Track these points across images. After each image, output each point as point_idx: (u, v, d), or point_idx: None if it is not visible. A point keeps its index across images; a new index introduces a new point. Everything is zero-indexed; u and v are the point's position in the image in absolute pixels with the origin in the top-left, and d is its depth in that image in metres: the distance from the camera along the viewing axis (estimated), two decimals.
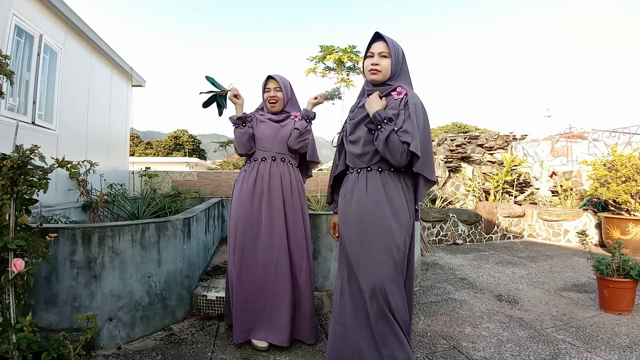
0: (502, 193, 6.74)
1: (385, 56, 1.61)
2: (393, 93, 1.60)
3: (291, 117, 2.19)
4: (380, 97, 1.59)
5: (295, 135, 2.11)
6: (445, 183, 7.24)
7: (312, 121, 2.17)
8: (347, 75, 9.35)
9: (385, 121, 1.52)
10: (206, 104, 2.17)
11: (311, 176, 2.42)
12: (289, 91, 2.20)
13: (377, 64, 1.62)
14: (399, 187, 1.57)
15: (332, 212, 1.86)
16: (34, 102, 3.73)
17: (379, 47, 1.62)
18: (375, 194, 1.55)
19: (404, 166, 1.55)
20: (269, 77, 2.16)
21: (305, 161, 2.32)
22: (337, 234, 1.78)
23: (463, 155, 7.26)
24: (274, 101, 2.15)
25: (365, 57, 1.66)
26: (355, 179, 1.63)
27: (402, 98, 1.57)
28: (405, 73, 1.67)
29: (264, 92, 2.19)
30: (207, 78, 2.16)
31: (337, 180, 1.81)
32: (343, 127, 1.77)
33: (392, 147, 1.49)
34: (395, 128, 1.51)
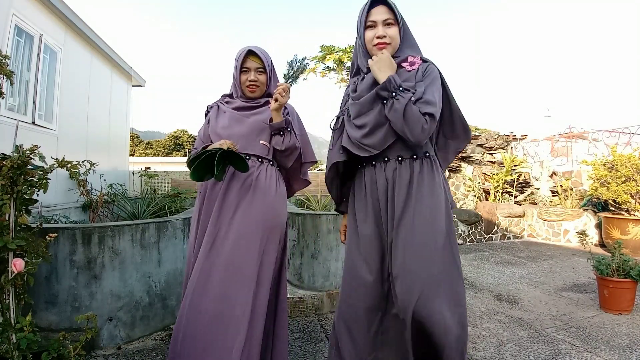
0: (502, 193, 6.74)
1: (390, 23, 1.31)
2: (404, 64, 1.32)
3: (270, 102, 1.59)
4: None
5: (279, 154, 1.62)
6: None
7: (289, 130, 1.58)
8: (348, 75, 9.36)
9: (401, 89, 1.22)
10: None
11: (309, 182, 1.80)
12: (272, 71, 1.65)
13: (384, 36, 1.30)
14: (436, 176, 1.31)
15: (339, 213, 1.57)
16: (34, 102, 3.73)
17: (381, 13, 1.31)
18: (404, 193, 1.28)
19: (420, 145, 1.28)
20: (250, 52, 1.59)
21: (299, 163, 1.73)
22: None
23: (463, 155, 7.26)
24: (254, 87, 1.61)
25: (365, 27, 1.34)
26: (371, 174, 1.34)
27: (418, 69, 1.30)
28: (410, 39, 1.37)
29: (240, 71, 1.60)
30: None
31: (345, 172, 1.49)
32: (341, 109, 1.48)
33: (411, 120, 1.19)
34: (414, 98, 1.21)
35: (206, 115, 1.71)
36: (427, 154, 1.32)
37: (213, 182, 1.54)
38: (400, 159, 1.30)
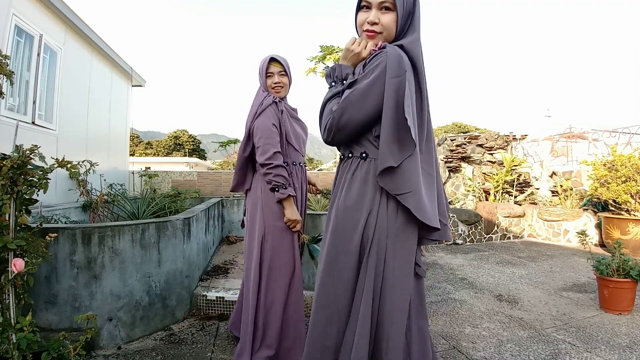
0: (502, 193, 6.74)
1: (388, 8, 1.11)
2: None
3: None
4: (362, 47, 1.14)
5: None
6: (445, 183, 7.23)
7: None
8: None
9: (343, 81, 1.12)
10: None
11: None
12: (291, 75, 1.96)
13: (375, 22, 1.11)
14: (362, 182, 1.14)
15: None
16: (34, 102, 3.73)
17: None
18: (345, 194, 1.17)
19: (336, 146, 1.19)
20: (272, 60, 1.88)
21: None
22: None
23: (463, 155, 7.26)
24: (280, 87, 1.89)
25: (359, 8, 1.15)
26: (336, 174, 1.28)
27: (371, 56, 1.11)
28: (414, 25, 1.14)
29: (266, 76, 1.88)
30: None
31: None
32: None
33: (323, 116, 1.14)
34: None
35: (272, 107, 1.82)
36: (365, 155, 1.14)
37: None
38: (342, 157, 1.23)
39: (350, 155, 1.17)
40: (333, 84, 1.17)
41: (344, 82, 1.14)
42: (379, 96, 1.05)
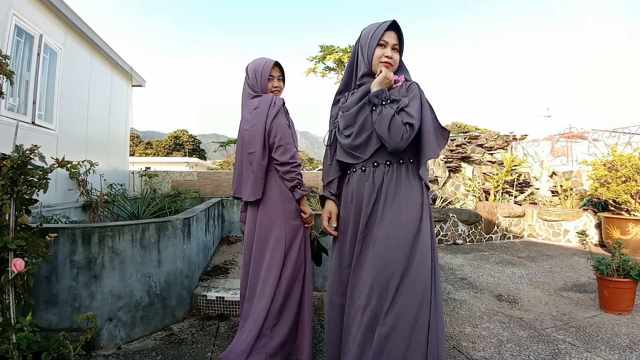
0: (502, 193, 6.74)
1: (396, 49, 1.51)
2: (394, 85, 1.52)
3: None
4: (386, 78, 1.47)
5: None
6: (445, 183, 7.23)
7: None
8: None
9: (389, 100, 1.43)
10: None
11: None
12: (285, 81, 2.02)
13: (391, 57, 1.49)
14: (415, 181, 1.46)
15: (328, 198, 1.64)
16: (34, 102, 3.73)
17: (393, 38, 1.50)
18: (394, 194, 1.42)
19: (400, 151, 1.42)
20: (276, 64, 1.91)
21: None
22: (334, 227, 1.61)
23: (463, 155, 7.26)
24: (277, 91, 1.94)
25: (378, 44, 1.50)
26: (359, 178, 1.49)
27: (403, 84, 1.50)
28: (403, 65, 1.59)
29: (267, 80, 1.88)
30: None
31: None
32: (334, 122, 1.60)
33: (394, 128, 1.37)
34: (398, 108, 1.41)
35: (282, 108, 1.84)
36: (411, 160, 1.48)
37: None
38: (388, 163, 1.46)
39: (402, 161, 1.46)
40: (383, 103, 1.42)
41: (389, 101, 1.43)
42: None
